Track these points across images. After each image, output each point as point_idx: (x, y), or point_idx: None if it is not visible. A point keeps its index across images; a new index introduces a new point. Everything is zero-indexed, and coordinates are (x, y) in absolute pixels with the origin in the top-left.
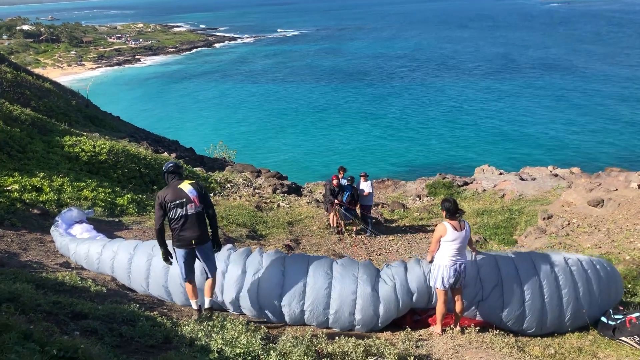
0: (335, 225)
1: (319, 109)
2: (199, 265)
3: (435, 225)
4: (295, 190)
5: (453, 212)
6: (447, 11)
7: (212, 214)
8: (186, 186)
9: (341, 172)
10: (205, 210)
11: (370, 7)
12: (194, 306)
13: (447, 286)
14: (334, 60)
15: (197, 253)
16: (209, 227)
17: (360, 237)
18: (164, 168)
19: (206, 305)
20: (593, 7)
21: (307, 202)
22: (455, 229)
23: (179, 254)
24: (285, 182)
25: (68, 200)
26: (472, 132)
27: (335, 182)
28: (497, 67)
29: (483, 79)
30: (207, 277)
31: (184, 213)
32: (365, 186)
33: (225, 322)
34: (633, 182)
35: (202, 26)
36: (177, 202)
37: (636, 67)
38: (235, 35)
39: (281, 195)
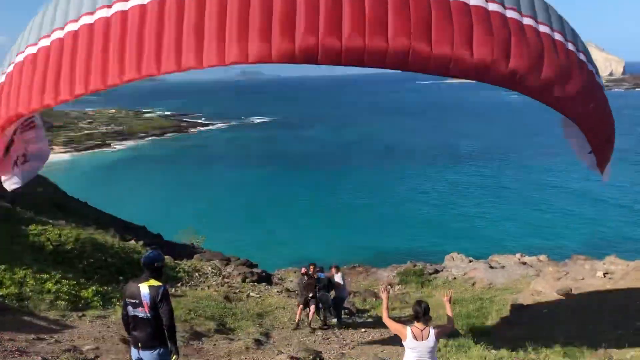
0: (298, 319)
1: (288, 195)
2: None
3: (406, 320)
4: (266, 279)
5: (420, 317)
6: (412, 102)
7: (167, 323)
8: (144, 288)
9: (312, 267)
10: (159, 319)
11: (337, 97)
12: None
13: None
14: (299, 147)
15: (143, 356)
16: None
17: (332, 330)
18: (142, 256)
19: None
20: None
21: (277, 291)
22: (416, 338)
23: (132, 352)
24: (255, 270)
25: (30, 293)
26: (436, 218)
27: (304, 270)
28: (458, 155)
29: (449, 166)
30: None
31: (134, 314)
32: (337, 278)
33: None
34: (599, 271)
35: (173, 112)
36: (132, 301)
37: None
38: (207, 122)
39: (251, 284)
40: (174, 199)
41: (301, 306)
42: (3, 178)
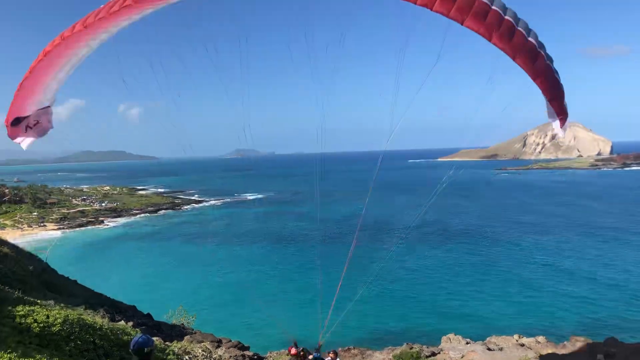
0: None
1: (280, 272)
2: None
3: None
4: None
5: None
6: (404, 179)
7: None
8: None
9: (302, 350)
10: None
11: (329, 173)
12: None
13: None
14: (291, 223)
15: None
16: None
17: None
18: (131, 342)
19: None
20: (542, 177)
21: None
22: None
23: None
24: (247, 352)
25: None
26: (430, 297)
27: (294, 351)
28: (449, 232)
29: (441, 244)
30: None
31: None
32: None
33: None
34: (598, 354)
35: (168, 190)
36: None
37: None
38: (200, 198)
39: None
40: (165, 277)
41: None
42: (17, 140)
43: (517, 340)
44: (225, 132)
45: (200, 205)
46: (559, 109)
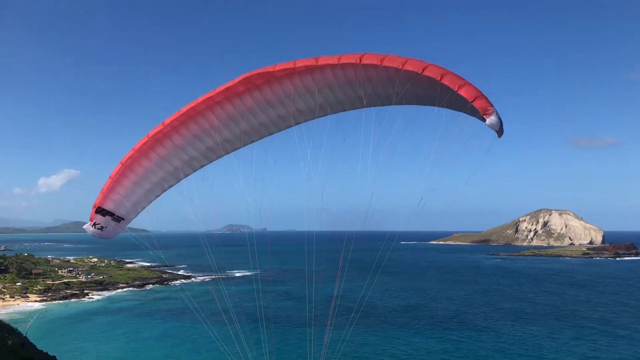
0: None
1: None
2: None
3: None
4: None
5: None
6: (393, 261)
7: None
8: None
9: None
10: None
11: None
12: None
13: None
14: (277, 303)
15: None
16: None
17: None
18: None
19: None
20: (534, 264)
21: None
22: None
23: None
24: None
25: None
26: None
27: None
28: (456, 316)
29: (424, 330)
30: None
31: None
32: None
33: None
34: None
35: (156, 264)
36: None
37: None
38: (189, 274)
39: None
40: (148, 354)
41: None
42: (87, 225)
43: None
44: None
45: (189, 280)
46: (483, 102)
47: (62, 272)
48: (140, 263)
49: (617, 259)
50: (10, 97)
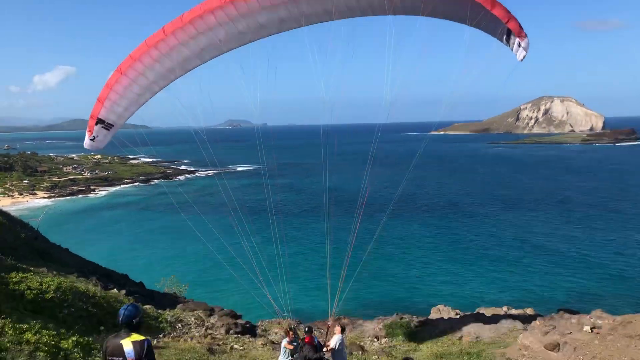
0: None
1: (270, 244)
2: None
3: None
4: (250, 330)
5: None
6: (401, 153)
7: None
8: (127, 344)
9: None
10: None
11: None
12: None
13: None
14: (280, 195)
15: None
16: None
17: None
18: (119, 314)
19: None
20: (532, 152)
21: (261, 344)
22: None
23: None
24: (239, 321)
25: (8, 344)
26: (424, 270)
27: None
28: (450, 205)
29: (434, 216)
30: None
31: None
32: (336, 340)
33: None
34: (586, 325)
35: (160, 159)
36: (114, 358)
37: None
38: (192, 169)
39: (235, 336)
40: (158, 246)
41: None
42: (86, 140)
43: (505, 312)
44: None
45: (193, 175)
46: (516, 26)
47: (67, 169)
48: (143, 159)
49: (616, 144)
50: None
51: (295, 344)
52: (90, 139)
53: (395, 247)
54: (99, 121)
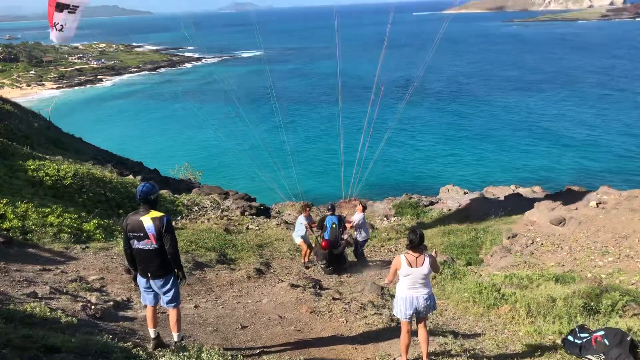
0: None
1: (277, 128)
2: None
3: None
4: (264, 212)
5: (415, 245)
6: (411, 34)
7: (172, 252)
8: (147, 221)
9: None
10: (165, 248)
11: (329, 29)
12: (151, 334)
13: (406, 318)
14: (298, 81)
15: (153, 285)
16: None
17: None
18: (136, 191)
19: (175, 339)
20: (547, 30)
21: (276, 224)
22: (410, 265)
23: (139, 281)
24: (253, 203)
25: (33, 227)
26: (434, 151)
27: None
28: (456, 87)
29: (440, 99)
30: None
31: (140, 247)
32: (358, 217)
33: (202, 353)
34: (592, 200)
35: (164, 46)
36: (135, 234)
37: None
38: (199, 56)
39: (250, 217)
40: (170, 134)
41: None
42: (51, 31)
43: (513, 190)
44: None
45: (200, 63)
46: None
47: (72, 58)
48: (148, 47)
49: (637, 19)
50: None
51: (310, 221)
52: (59, 30)
53: (401, 131)
54: (63, 6)
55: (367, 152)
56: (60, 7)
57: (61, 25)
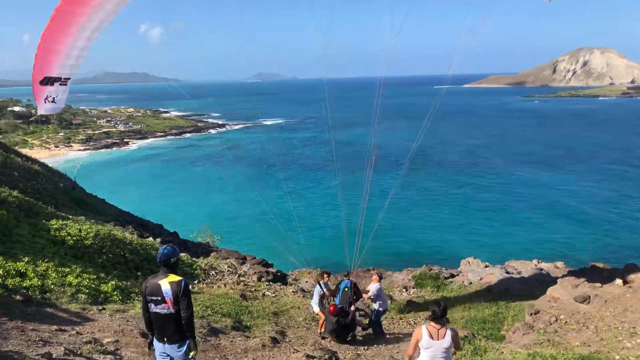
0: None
1: (303, 195)
2: None
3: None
4: (281, 278)
5: (437, 317)
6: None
7: (186, 317)
8: (165, 284)
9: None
10: (180, 313)
11: (355, 100)
12: None
13: None
14: (315, 149)
15: (169, 350)
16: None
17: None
18: (157, 254)
19: None
20: (567, 105)
21: (292, 291)
22: (432, 337)
23: (155, 345)
24: (270, 269)
25: (52, 286)
26: (454, 223)
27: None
28: (475, 160)
29: (462, 173)
30: None
31: (157, 311)
32: (374, 289)
33: None
34: (618, 278)
35: (191, 113)
36: (153, 298)
37: (614, 170)
38: (223, 122)
39: (266, 283)
40: (191, 198)
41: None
42: (38, 104)
43: (535, 265)
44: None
45: (224, 129)
46: None
47: (101, 122)
48: (174, 113)
49: None
50: None
51: (327, 288)
52: (51, 102)
53: (421, 200)
54: (54, 80)
55: (382, 220)
56: (51, 81)
57: (53, 97)
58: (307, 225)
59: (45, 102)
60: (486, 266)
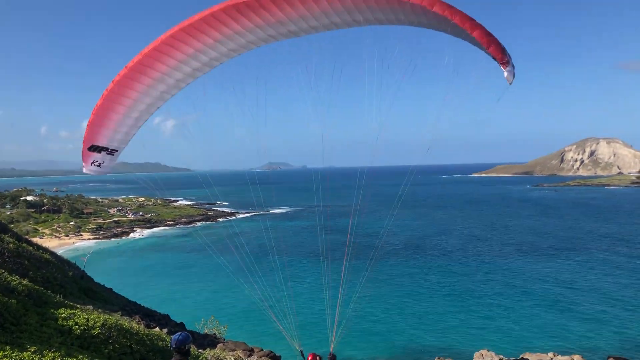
0: None
1: (309, 285)
2: None
3: None
4: None
5: None
6: (443, 196)
7: None
8: None
9: None
10: None
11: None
12: None
13: None
14: (319, 238)
15: None
16: None
17: None
18: (171, 340)
19: None
20: (576, 195)
21: None
22: None
23: None
24: None
25: None
26: (462, 314)
27: None
28: (483, 250)
29: (471, 260)
30: None
31: None
32: None
33: None
34: None
35: (201, 201)
36: None
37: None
38: (232, 211)
39: None
40: (198, 287)
41: None
42: (84, 168)
43: (551, 358)
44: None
45: (233, 217)
46: (497, 51)
47: (112, 211)
48: (184, 202)
49: None
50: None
51: None
52: (97, 166)
53: (430, 289)
54: (101, 148)
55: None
56: (98, 149)
57: (99, 162)
58: (313, 315)
59: (91, 165)
60: (500, 359)
